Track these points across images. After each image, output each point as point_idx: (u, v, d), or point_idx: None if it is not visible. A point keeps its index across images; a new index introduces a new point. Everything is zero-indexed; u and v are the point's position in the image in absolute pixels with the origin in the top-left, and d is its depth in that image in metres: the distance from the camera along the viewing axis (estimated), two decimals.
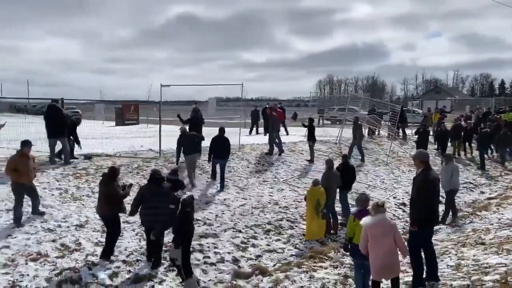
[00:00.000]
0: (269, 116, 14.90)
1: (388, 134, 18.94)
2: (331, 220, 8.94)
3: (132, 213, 6.90)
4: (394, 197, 11.66)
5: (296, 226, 9.01)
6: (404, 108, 22.11)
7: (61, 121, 10.65)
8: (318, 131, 15.21)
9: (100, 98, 51.66)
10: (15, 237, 6.93)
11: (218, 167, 10.84)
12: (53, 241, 7.08)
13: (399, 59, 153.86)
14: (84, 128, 13.50)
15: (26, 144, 7.73)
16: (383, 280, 5.09)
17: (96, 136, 14.62)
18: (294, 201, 10.36)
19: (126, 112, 29.01)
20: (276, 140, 14.11)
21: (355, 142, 14.85)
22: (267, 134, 14.90)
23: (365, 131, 18.01)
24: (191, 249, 7.12)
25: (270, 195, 10.61)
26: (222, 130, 11.03)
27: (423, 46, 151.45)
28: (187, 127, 11.85)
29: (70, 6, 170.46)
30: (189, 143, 10.77)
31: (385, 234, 4.91)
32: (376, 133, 19.87)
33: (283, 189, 11.17)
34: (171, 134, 12.62)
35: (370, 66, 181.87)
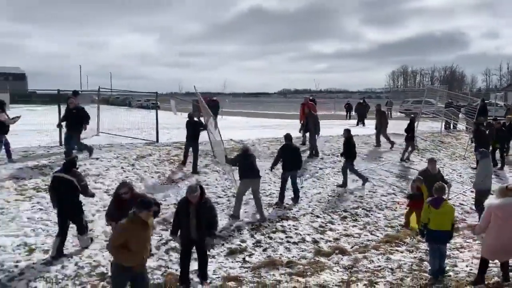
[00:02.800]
0: (309, 113, 13.48)
1: (466, 127, 18.45)
2: None
3: None
4: (471, 191, 11.59)
5: (371, 214, 9.46)
6: (485, 101, 21.27)
7: None
8: (389, 124, 15.34)
9: (179, 91, 54.69)
10: None
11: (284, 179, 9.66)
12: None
13: (480, 48, 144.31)
14: (163, 119, 14.73)
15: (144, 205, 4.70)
16: (495, 260, 5.44)
17: (171, 127, 15.91)
18: (369, 191, 10.79)
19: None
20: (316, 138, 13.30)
21: (380, 129, 14.91)
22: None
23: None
24: (274, 229, 8.00)
25: None
26: (289, 138, 9.80)
27: (508, 33, 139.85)
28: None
29: (146, 3, 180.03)
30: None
31: (509, 217, 5.18)
32: (452, 127, 19.41)
33: (357, 180, 11.60)
34: (236, 126, 13.33)
35: (448, 56, 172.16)
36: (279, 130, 16.67)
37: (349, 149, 10.94)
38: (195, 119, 11.65)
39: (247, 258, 7.01)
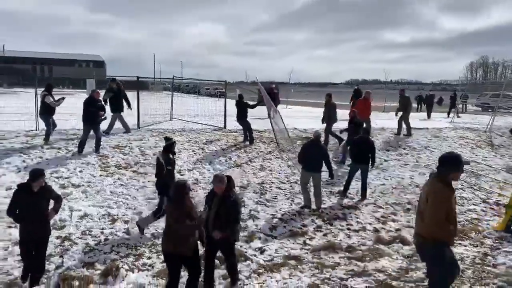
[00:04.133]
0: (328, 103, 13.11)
1: None
2: None
3: None
4: None
5: None
6: None
7: None
8: (464, 118, 14.69)
9: (246, 79, 55.81)
10: None
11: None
12: None
13: None
14: (231, 106, 15.25)
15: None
16: None
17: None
18: None
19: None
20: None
21: (405, 116, 14.49)
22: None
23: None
24: (335, 216, 8.18)
25: (411, 178, 10.95)
26: (366, 131, 9.96)
27: None
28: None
29: None
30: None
31: None
32: None
33: (424, 173, 11.36)
34: (299, 116, 13.54)
35: None
36: (342, 121, 16.60)
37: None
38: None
39: (307, 241, 7.28)
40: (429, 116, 21.65)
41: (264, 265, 6.19)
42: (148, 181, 9.00)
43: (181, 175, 9.45)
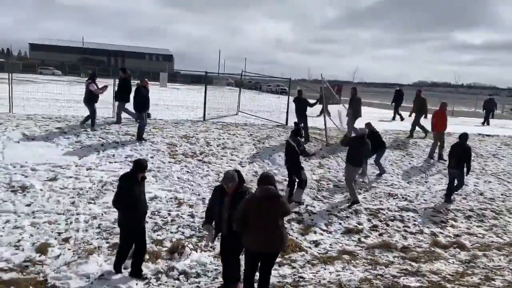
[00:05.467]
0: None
1: None
2: None
3: None
4: None
5: (500, 217, 8.97)
6: None
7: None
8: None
9: (308, 77, 55.66)
10: None
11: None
12: (281, 190, 9.11)
13: None
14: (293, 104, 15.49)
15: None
16: None
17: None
18: (501, 194, 10.17)
19: None
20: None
21: (418, 117, 13.95)
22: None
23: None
24: (392, 217, 8.21)
25: (475, 185, 10.61)
26: (464, 137, 9.47)
27: None
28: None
29: None
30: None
31: None
32: None
33: (490, 181, 10.96)
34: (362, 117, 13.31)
35: None
36: (406, 123, 16.27)
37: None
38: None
39: (362, 239, 7.43)
40: (486, 122, 20.46)
41: (318, 256, 6.45)
42: (212, 170, 9.56)
43: (242, 166, 9.91)
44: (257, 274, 4.92)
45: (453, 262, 6.44)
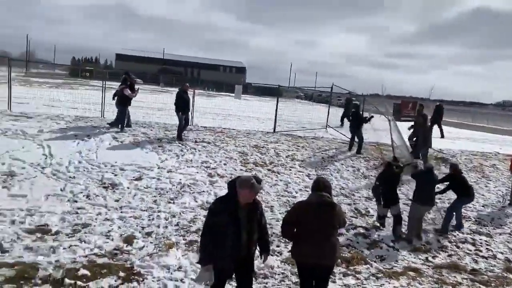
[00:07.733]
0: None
1: None
2: None
3: None
4: None
5: None
6: None
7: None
8: None
9: (382, 92, 54.44)
10: None
11: None
12: (348, 204, 9.23)
13: None
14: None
15: None
16: None
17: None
18: None
19: (403, 109, 30.10)
20: None
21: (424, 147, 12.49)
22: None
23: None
24: (463, 239, 7.98)
25: None
26: None
27: None
28: None
29: (366, 5, 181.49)
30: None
31: None
32: None
33: None
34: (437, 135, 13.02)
35: None
36: (484, 143, 15.54)
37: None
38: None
39: (429, 258, 7.34)
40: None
41: (383, 270, 6.52)
42: (281, 180, 9.94)
43: (310, 178, 10.18)
44: None
45: None
